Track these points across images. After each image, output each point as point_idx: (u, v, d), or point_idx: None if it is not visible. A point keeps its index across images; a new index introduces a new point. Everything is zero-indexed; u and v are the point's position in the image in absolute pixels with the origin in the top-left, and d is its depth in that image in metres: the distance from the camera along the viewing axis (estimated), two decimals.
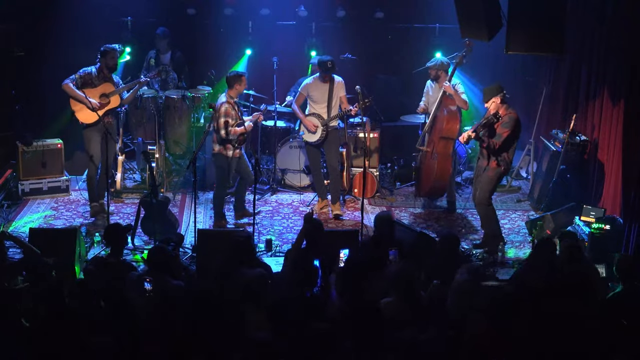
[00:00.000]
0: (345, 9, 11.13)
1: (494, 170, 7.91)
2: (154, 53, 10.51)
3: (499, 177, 8.03)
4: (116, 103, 8.75)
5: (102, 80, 8.69)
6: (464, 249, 8.12)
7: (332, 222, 8.91)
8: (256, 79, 10.63)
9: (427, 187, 8.94)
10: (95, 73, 8.68)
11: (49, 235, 7.45)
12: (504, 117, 7.79)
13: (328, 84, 8.82)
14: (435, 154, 8.69)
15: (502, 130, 7.77)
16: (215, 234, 7.84)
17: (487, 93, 7.95)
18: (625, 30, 7.87)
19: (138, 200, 8.38)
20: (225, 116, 8.28)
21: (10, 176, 9.28)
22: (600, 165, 8.64)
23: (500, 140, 7.75)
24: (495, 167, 7.89)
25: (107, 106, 8.66)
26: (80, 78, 8.61)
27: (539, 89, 10.43)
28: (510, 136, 7.78)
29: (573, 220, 8.15)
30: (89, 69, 8.68)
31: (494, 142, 7.78)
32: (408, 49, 11.28)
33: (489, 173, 7.93)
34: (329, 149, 9.04)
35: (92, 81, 8.66)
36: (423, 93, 9.38)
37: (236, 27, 11.07)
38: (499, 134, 7.78)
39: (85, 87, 8.58)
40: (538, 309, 5.11)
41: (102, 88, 8.65)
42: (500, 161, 7.87)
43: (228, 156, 8.42)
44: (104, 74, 8.71)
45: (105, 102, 8.63)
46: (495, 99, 7.84)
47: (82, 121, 8.65)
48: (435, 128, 8.80)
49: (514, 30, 7.42)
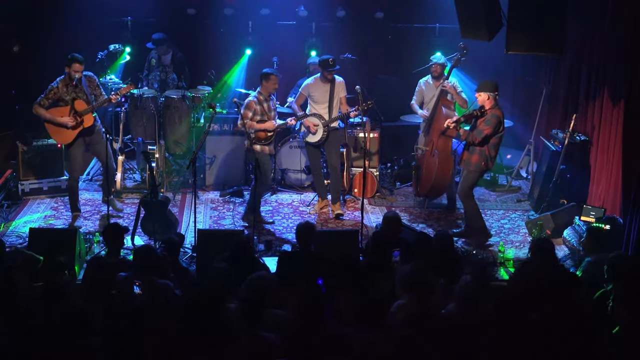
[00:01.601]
0: (345, 9, 11.13)
1: (475, 165, 8.07)
2: (155, 54, 10.51)
3: (480, 172, 8.18)
4: (89, 122, 8.29)
5: (72, 94, 8.26)
6: (464, 248, 8.13)
7: (333, 222, 8.91)
8: (256, 79, 10.61)
9: (428, 185, 8.95)
10: (63, 87, 8.24)
11: (49, 235, 7.45)
12: (488, 114, 7.93)
13: (329, 84, 8.82)
14: (436, 152, 8.71)
15: (484, 126, 7.94)
16: (216, 234, 7.84)
17: (482, 85, 8.06)
18: (625, 30, 7.87)
19: (138, 200, 8.38)
20: (247, 109, 8.50)
21: (10, 176, 9.27)
22: (600, 165, 8.64)
23: (481, 136, 7.95)
24: (476, 162, 8.05)
25: (80, 126, 8.24)
26: (47, 98, 8.22)
27: (539, 89, 10.43)
28: (491, 134, 7.94)
29: (573, 220, 8.15)
30: (54, 84, 8.26)
31: (474, 137, 7.99)
32: (408, 49, 11.29)
33: (470, 168, 8.11)
34: (329, 149, 9.04)
35: (62, 97, 8.24)
36: (415, 92, 9.42)
37: (236, 27, 11.08)
38: (480, 129, 7.96)
39: (56, 105, 8.23)
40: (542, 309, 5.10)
41: (74, 105, 8.24)
42: (482, 157, 8.02)
43: (257, 151, 8.50)
44: (73, 86, 8.25)
45: (79, 121, 8.21)
46: (486, 95, 7.95)
47: (60, 143, 8.49)
48: (433, 127, 8.83)
49: (514, 30, 7.42)
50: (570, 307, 5.12)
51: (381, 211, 9.35)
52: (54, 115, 8.24)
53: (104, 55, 9.96)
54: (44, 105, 8.25)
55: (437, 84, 9.16)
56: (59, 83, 8.28)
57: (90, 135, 8.46)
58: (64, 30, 10.29)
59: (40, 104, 8.23)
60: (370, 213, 9.25)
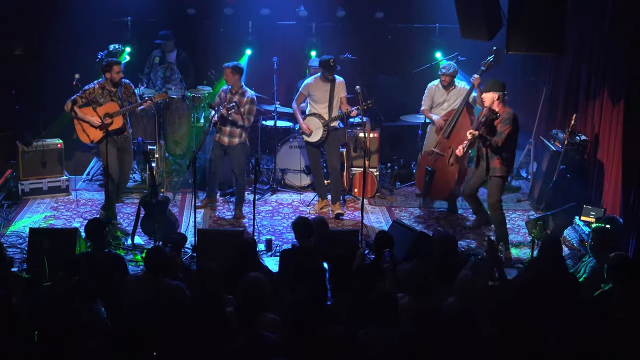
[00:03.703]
0: (345, 9, 11.13)
1: (500, 171, 7.89)
2: (159, 51, 10.49)
3: (505, 177, 8.05)
4: (119, 124, 8.36)
5: (107, 98, 8.37)
6: (464, 248, 8.13)
7: (333, 222, 8.91)
8: (256, 79, 10.63)
9: (446, 194, 8.99)
10: (99, 90, 8.35)
11: (49, 235, 7.44)
12: (502, 114, 7.79)
13: (329, 83, 8.83)
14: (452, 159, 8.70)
15: (503, 127, 7.75)
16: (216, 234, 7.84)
17: (490, 84, 7.90)
18: (625, 30, 7.87)
19: (138, 200, 8.38)
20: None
21: (10, 176, 9.28)
22: (600, 165, 8.64)
23: (502, 137, 7.73)
24: (499, 167, 7.88)
25: (110, 127, 8.26)
26: (82, 98, 8.32)
27: (539, 89, 10.43)
28: (512, 132, 7.76)
29: (573, 220, 8.15)
30: (92, 85, 8.37)
31: (496, 140, 7.74)
32: (408, 49, 11.29)
33: (497, 174, 7.91)
34: (329, 149, 9.05)
35: (97, 99, 8.34)
36: (424, 96, 9.36)
37: (236, 27, 11.08)
38: (500, 131, 7.75)
39: (89, 105, 8.27)
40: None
41: (106, 107, 8.31)
42: (504, 160, 7.85)
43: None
44: (109, 90, 8.39)
45: (108, 123, 8.25)
46: (495, 95, 7.80)
47: (85, 141, 8.47)
48: (455, 134, 8.73)
49: (514, 30, 7.41)
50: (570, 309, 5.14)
51: (381, 211, 9.36)
52: (84, 114, 8.30)
53: (104, 55, 9.95)
54: (78, 103, 8.31)
55: (447, 90, 9.16)
56: (96, 85, 8.37)
57: (121, 138, 8.47)
58: (64, 30, 10.29)
59: (75, 101, 8.31)
60: (370, 213, 9.25)
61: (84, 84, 8.38)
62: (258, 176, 8.21)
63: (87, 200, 9.33)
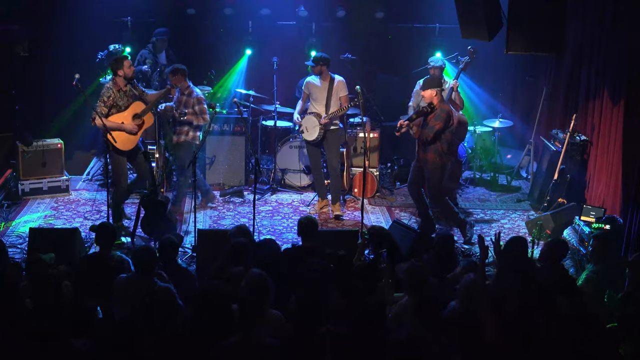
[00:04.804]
0: (345, 9, 11.14)
1: (432, 164, 8.09)
2: (147, 53, 10.41)
3: (441, 169, 8.15)
4: (151, 121, 8.14)
5: (126, 98, 7.99)
6: (464, 248, 8.13)
7: (332, 222, 8.91)
8: (256, 79, 10.64)
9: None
10: (116, 92, 7.95)
11: (49, 235, 7.45)
12: (437, 110, 7.99)
13: (327, 82, 8.82)
14: None
15: (434, 122, 7.99)
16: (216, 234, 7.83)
17: (427, 82, 8.15)
18: (625, 30, 7.87)
19: (138, 200, 8.38)
20: None
21: (10, 176, 9.28)
22: (600, 165, 8.64)
23: (432, 132, 7.97)
24: (432, 161, 8.08)
25: (143, 127, 8.00)
26: (105, 106, 7.86)
27: (539, 89, 10.43)
28: (442, 129, 7.97)
29: (573, 220, 8.15)
30: (108, 89, 7.93)
31: (426, 134, 8.01)
32: (408, 49, 11.29)
33: (429, 167, 8.12)
34: (329, 149, 9.04)
35: (117, 103, 7.93)
36: (412, 93, 9.40)
37: (236, 27, 11.08)
38: (431, 126, 7.99)
39: (109, 114, 7.89)
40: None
41: (132, 109, 8.00)
42: (436, 153, 8.05)
43: None
44: (125, 89, 7.99)
45: (139, 124, 7.99)
46: (433, 92, 8.01)
47: (123, 149, 8.02)
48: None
49: (514, 30, 7.43)
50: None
51: (381, 211, 9.36)
52: (118, 123, 7.92)
53: (104, 55, 9.96)
54: (104, 113, 7.85)
55: None
56: (112, 89, 7.95)
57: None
58: (64, 30, 10.29)
59: (100, 114, 7.78)
60: (370, 213, 9.25)
61: (84, 84, 8.32)
62: (258, 176, 8.21)
63: (87, 200, 9.33)
